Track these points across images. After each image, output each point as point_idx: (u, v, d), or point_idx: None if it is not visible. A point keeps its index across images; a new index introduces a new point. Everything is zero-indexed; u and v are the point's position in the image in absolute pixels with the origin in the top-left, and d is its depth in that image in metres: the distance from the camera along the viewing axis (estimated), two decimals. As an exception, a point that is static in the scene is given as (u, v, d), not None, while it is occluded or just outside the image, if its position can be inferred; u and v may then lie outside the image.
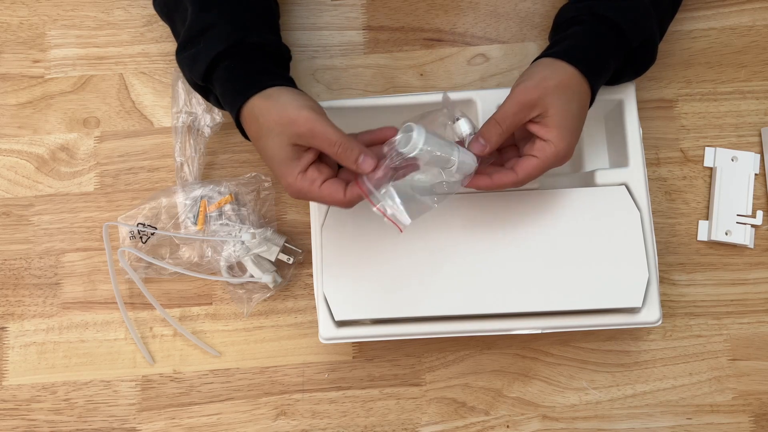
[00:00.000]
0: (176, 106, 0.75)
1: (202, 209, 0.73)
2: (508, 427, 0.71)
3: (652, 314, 0.65)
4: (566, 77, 0.60)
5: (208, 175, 0.77)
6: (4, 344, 0.75)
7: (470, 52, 0.79)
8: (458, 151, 0.58)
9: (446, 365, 0.73)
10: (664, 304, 0.72)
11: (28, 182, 0.78)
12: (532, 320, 0.65)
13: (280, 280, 0.73)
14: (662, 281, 0.73)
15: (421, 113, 0.61)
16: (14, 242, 0.77)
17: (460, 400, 0.72)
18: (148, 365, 0.74)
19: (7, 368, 0.75)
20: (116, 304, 0.74)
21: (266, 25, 0.68)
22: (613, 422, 0.71)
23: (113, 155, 0.78)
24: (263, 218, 0.75)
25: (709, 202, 0.75)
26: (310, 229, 0.70)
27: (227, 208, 0.74)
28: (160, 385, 0.74)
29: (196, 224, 0.73)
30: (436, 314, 0.65)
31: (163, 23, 0.80)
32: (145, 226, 0.74)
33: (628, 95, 0.69)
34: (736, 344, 0.72)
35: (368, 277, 0.65)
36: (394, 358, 0.73)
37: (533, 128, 0.60)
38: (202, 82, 0.65)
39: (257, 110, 0.60)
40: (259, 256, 0.72)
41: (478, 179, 0.60)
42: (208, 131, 0.75)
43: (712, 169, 0.75)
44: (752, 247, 0.73)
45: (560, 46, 0.63)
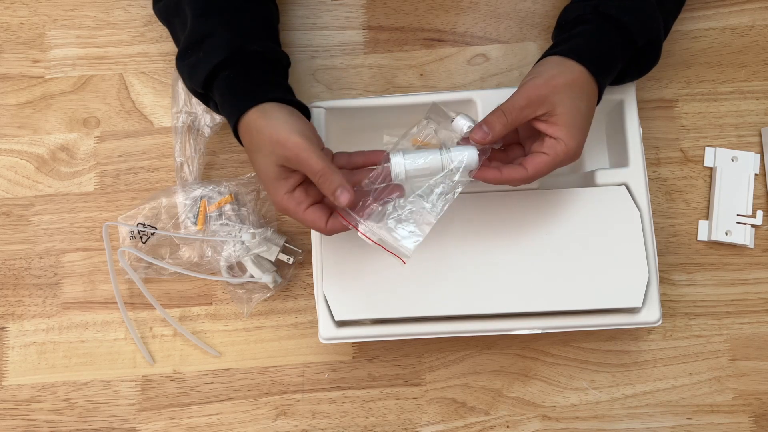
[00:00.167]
0: (176, 106, 0.75)
1: (202, 209, 0.73)
2: (508, 427, 0.71)
3: (652, 314, 0.65)
4: (575, 76, 0.60)
5: (208, 175, 0.77)
6: (4, 344, 0.75)
7: (470, 52, 0.79)
8: (451, 152, 0.58)
9: (446, 365, 0.73)
10: (664, 304, 0.72)
11: (28, 182, 0.78)
12: (532, 320, 0.65)
13: (280, 280, 0.73)
14: (662, 281, 0.73)
15: (402, 133, 0.61)
16: (14, 242, 0.77)
17: (460, 400, 0.72)
18: (148, 365, 0.74)
19: (7, 368, 0.75)
20: (116, 304, 0.74)
21: (265, 32, 0.68)
22: (613, 422, 0.71)
23: (113, 155, 0.78)
24: (263, 218, 0.75)
25: (709, 202, 0.75)
26: (310, 229, 0.70)
27: (227, 208, 0.74)
28: (160, 385, 0.74)
29: (196, 224, 0.73)
30: (436, 314, 0.65)
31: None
32: (145, 226, 0.74)
33: (628, 95, 0.69)
34: (736, 344, 0.72)
35: (368, 277, 0.65)
36: (394, 358, 0.73)
37: (540, 126, 0.60)
38: (201, 90, 0.65)
39: (252, 125, 0.61)
40: (259, 256, 0.72)
41: (486, 171, 0.60)
42: (208, 131, 0.75)
43: (712, 169, 0.75)
44: (752, 247, 0.73)
45: (567, 44, 0.63)
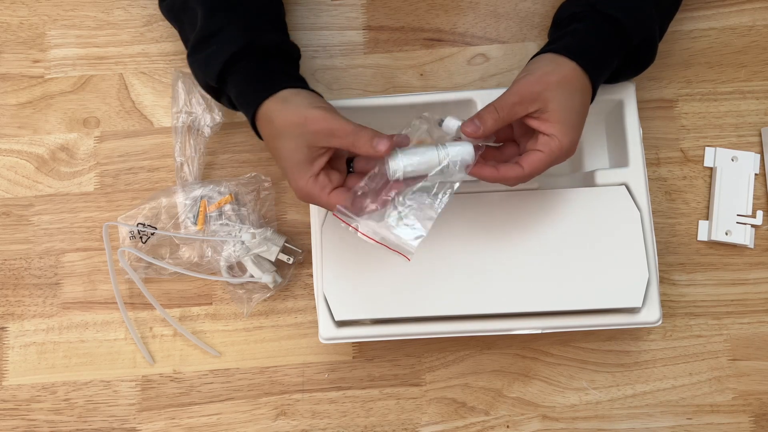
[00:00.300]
0: (176, 106, 0.75)
1: (202, 209, 0.73)
2: (508, 427, 0.71)
3: (652, 314, 0.65)
4: (568, 73, 0.60)
5: (208, 175, 0.77)
6: (4, 344, 0.75)
7: (470, 52, 0.79)
8: (446, 148, 0.58)
9: (446, 365, 0.73)
10: (664, 304, 0.72)
11: (28, 182, 0.78)
12: (532, 320, 0.65)
13: (280, 280, 0.73)
14: (662, 281, 0.73)
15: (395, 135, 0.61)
16: (14, 242, 0.77)
17: (460, 400, 0.72)
18: (148, 365, 0.74)
19: (7, 368, 0.75)
20: (116, 304, 0.74)
21: (275, 24, 0.68)
22: (613, 422, 0.71)
23: (113, 155, 0.78)
24: (263, 218, 0.75)
25: (709, 202, 0.75)
26: (310, 229, 0.70)
27: (227, 208, 0.74)
28: (160, 385, 0.74)
29: (196, 224, 0.73)
30: (436, 314, 0.65)
31: (163, 23, 0.80)
32: (145, 226, 0.74)
33: (628, 95, 0.69)
34: (736, 344, 0.72)
35: (368, 277, 0.65)
36: (394, 358, 0.73)
37: (533, 123, 0.60)
38: (216, 83, 0.65)
39: (272, 112, 0.60)
40: (259, 256, 0.72)
41: (483, 169, 0.59)
42: (208, 131, 0.75)
43: (712, 169, 0.75)
44: (752, 247, 0.73)
45: (561, 42, 0.63)
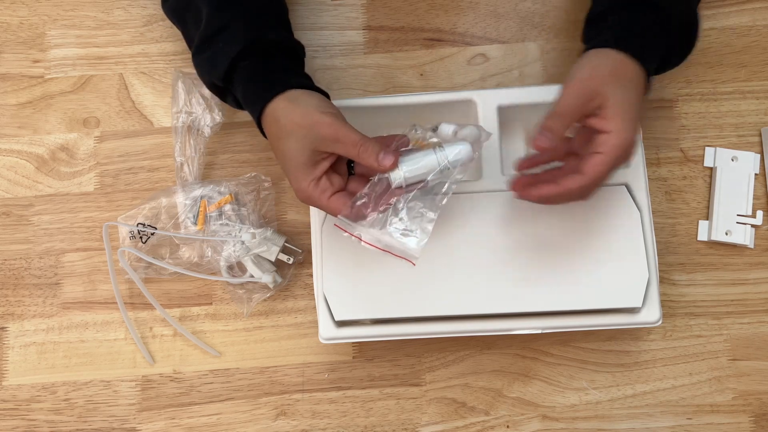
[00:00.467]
0: (176, 106, 0.75)
1: (202, 209, 0.73)
2: (508, 427, 0.71)
3: (652, 314, 0.65)
4: (619, 64, 0.58)
5: (208, 175, 0.77)
6: (4, 344, 0.75)
7: (470, 52, 0.79)
8: (444, 151, 0.58)
9: (446, 365, 0.73)
10: (664, 304, 0.72)
11: (28, 182, 0.78)
12: (532, 320, 0.65)
13: (280, 280, 0.73)
14: (662, 281, 0.73)
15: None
16: (14, 242, 0.77)
17: (460, 400, 0.72)
18: (148, 365, 0.74)
19: (7, 368, 0.75)
20: (116, 304, 0.74)
21: (280, 22, 0.68)
22: (613, 422, 0.71)
23: (113, 155, 0.78)
24: (263, 218, 0.75)
25: (709, 202, 0.75)
26: (310, 229, 0.70)
27: (227, 208, 0.74)
28: (160, 385, 0.74)
29: (196, 224, 0.73)
30: (436, 314, 0.65)
31: (163, 23, 0.80)
32: (145, 226, 0.74)
33: (628, 95, 0.69)
34: (736, 344, 0.72)
35: (368, 276, 0.65)
36: (394, 358, 0.73)
37: (592, 122, 0.58)
38: (221, 83, 0.65)
39: (279, 112, 0.60)
40: (259, 256, 0.72)
41: (543, 188, 0.57)
42: (208, 131, 0.75)
43: (712, 169, 0.75)
44: (752, 247, 0.73)
45: (603, 36, 0.61)
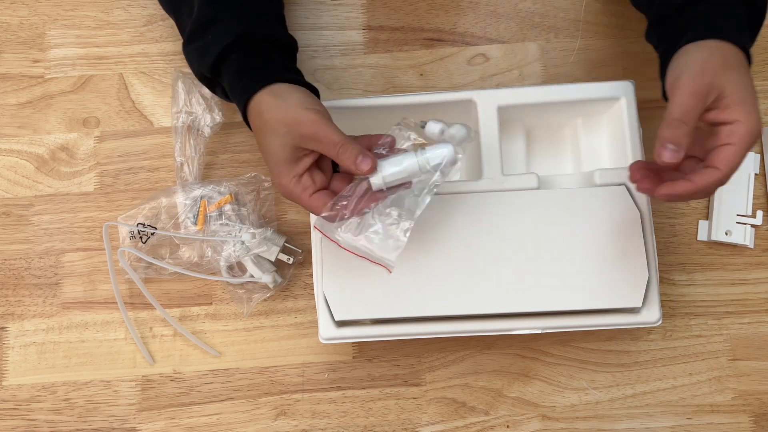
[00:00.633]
0: (176, 106, 0.75)
1: (202, 209, 0.73)
2: (508, 427, 0.71)
3: (652, 314, 0.65)
4: (725, 52, 0.57)
5: (208, 175, 0.77)
6: (4, 344, 0.75)
7: (470, 52, 0.79)
8: (425, 153, 0.58)
9: (446, 365, 0.73)
10: (664, 304, 0.72)
11: (28, 182, 0.78)
12: (532, 320, 0.65)
13: (280, 280, 0.73)
14: (662, 281, 0.73)
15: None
16: (14, 242, 0.77)
17: (460, 400, 0.72)
18: (148, 365, 0.74)
19: (7, 368, 0.75)
20: (116, 304, 0.74)
21: (273, 15, 0.68)
22: (613, 422, 0.71)
23: (113, 155, 0.78)
24: (263, 218, 0.75)
25: (709, 202, 0.75)
26: (310, 229, 0.70)
27: (227, 208, 0.74)
28: (160, 385, 0.74)
29: (196, 224, 0.73)
30: (436, 314, 0.65)
31: (163, 23, 0.80)
32: (145, 226, 0.74)
33: (628, 95, 0.69)
34: (736, 344, 0.72)
35: (368, 277, 0.65)
36: (394, 358, 0.73)
37: (712, 116, 0.56)
38: (210, 74, 0.65)
39: (263, 105, 0.60)
40: (259, 256, 0.72)
41: (675, 186, 0.56)
42: (208, 131, 0.75)
43: (712, 169, 0.75)
44: (752, 247, 0.73)
45: (693, 31, 0.59)
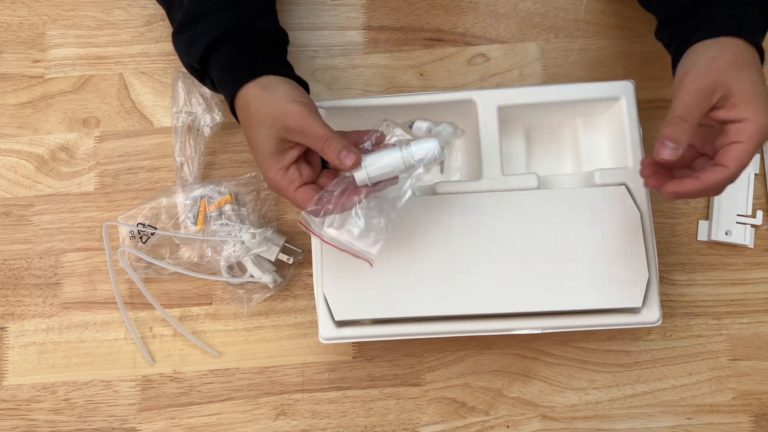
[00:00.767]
0: (176, 106, 0.75)
1: (202, 209, 0.73)
2: (508, 427, 0.71)
3: (652, 314, 0.65)
4: (736, 50, 0.56)
5: (208, 175, 0.77)
6: (4, 344, 0.75)
7: (470, 52, 0.79)
8: (410, 148, 0.58)
9: (446, 365, 0.73)
10: (664, 304, 0.72)
11: (28, 182, 0.78)
12: (532, 320, 0.65)
13: (280, 280, 0.73)
14: (662, 281, 0.73)
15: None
16: (14, 242, 0.77)
17: (460, 400, 0.72)
18: (148, 365, 0.74)
19: (7, 368, 0.75)
20: (116, 304, 0.74)
21: (264, 8, 0.68)
22: (613, 422, 0.71)
23: (113, 155, 0.78)
24: (263, 218, 0.75)
25: (709, 201, 0.75)
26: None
27: (227, 208, 0.74)
28: (160, 385, 0.74)
29: (196, 224, 0.73)
30: (436, 314, 0.65)
31: (163, 23, 0.80)
32: (145, 226, 0.74)
33: (628, 95, 0.69)
34: (736, 344, 0.72)
35: (368, 277, 0.65)
36: (394, 358, 0.73)
37: (720, 114, 0.55)
38: (199, 65, 0.65)
39: (250, 98, 0.60)
40: (259, 256, 0.72)
41: (683, 184, 0.55)
42: (208, 131, 0.75)
43: (712, 169, 0.75)
44: (752, 247, 0.73)
45: (705, 29, 0.58)
